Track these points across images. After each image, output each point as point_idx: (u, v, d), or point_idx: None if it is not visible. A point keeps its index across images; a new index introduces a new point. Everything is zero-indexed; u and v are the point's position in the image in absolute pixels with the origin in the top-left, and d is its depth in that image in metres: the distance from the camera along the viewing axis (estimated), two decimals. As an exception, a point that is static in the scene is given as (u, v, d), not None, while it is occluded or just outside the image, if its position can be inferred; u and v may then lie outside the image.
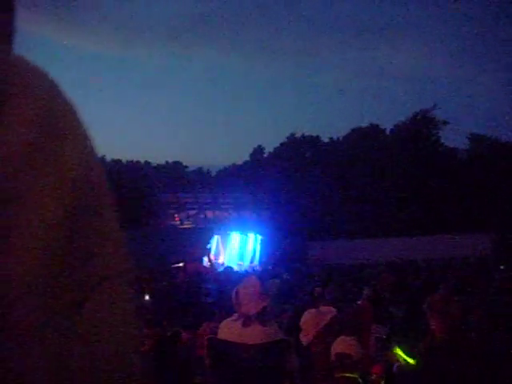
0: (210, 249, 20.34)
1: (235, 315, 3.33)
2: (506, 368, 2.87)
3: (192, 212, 24.57)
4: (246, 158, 48.26)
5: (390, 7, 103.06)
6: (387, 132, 35.56)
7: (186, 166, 54.34)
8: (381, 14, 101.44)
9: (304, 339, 3.51)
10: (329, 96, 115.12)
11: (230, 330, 3.29)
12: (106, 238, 0.58)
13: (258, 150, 47.67)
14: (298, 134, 44.61)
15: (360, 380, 2.69)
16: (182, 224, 23.63)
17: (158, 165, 53.14)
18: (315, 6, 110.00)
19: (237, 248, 22.36)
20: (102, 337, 0.51)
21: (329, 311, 3.60)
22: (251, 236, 22.57)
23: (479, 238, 20.85)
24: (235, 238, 22.58)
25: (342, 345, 2.78)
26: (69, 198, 0.50)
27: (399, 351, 2.69)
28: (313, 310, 3.66)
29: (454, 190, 27.30)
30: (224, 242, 22.27)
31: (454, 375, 2.72)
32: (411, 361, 2.69)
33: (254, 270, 20.16)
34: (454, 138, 46.71)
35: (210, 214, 24.52)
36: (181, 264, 14.51)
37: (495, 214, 24.62)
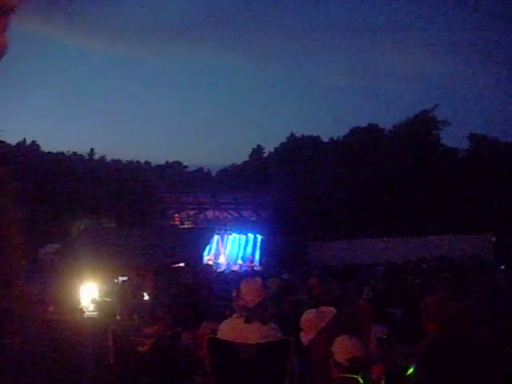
0: (210, 249, 20.33)
1: (236, 315, 3.35)
2: (505, 368, 2.87)
3: (192, 212, 24.55)
4: (246, 158, 48.33)
5: (391, 7, 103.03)
6: (387, 132, 35.57)
7: (186, 166, 54.38)
8: (381, 13, 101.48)
9: (304, 339, 3.52)
10: (329, 96, 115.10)
11: (231, 328, 3.30)
12: None
13: (258, 150, 47.69)
14: (298, 134, 44.68)
15: (361, 380, 2.68)
16: (182, 224, 23.61)
17: (157, 165, 53.18)
18: (315, 5, 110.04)
19: (237, 248, 22.37)
20: None
21: (329, 311, 3.61)
22: (251, 236, 22.56)
23: (479, 238, 20.85)
24: (235, 238, 22.58)
25: (352, 347, 2.75)
26: None
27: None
28: (313, 310, 3.66)
29: (454, 190, 27.27)
30: (224, 242, 22.27)
31: (453, 375, 2.72)
32: None
33: (253, 270, 20.15)
34: (454, 138, 46.67)
35: (210, 214, 24.50)
36: (181, 264, 14.49)
37: (495, 215, 24.60)
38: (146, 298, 9.47)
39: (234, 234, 22.57)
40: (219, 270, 19.51)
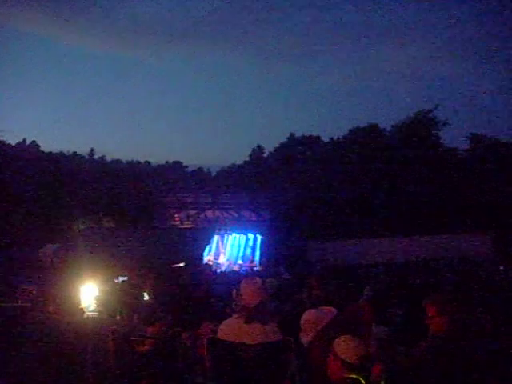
0: (210, 249, 20.31)
1: (236, 315, 3.35)
2: (505, 367, 2.87)
3: (192, 212, 24.55)
4: (246, 158, 48.32)
5: (391, 8, 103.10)
6: (387, 132, 35.55)
7: (186, 166, 54.38)
8: (381, 14, 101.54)
9: (304, 339, 3.51)
10: (329, 96, 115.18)
11: (231, 328, 3.30)
12: None
13: (258, 150, 47.65)
14: (298, 134, 44.68)
15: (362, 381, 2.68)
16: (182, 224, 23.60)
17: (158, 165, 53.19)
18: (315, 6, 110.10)
19: (237, 248, 22.36)
20: None
21: (329, 311, 3.60)
22: (251, 236, 22.55)
23: (479, 238, 20.84)
24: (235, 238, 22.57)
25: (360, 345, 2.75)
26: None
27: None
28: (313, 310, 3.66)
29: (454, 190, 27.26)
30: (224, 242, 22.26)
31: (454, 373, 2.72)
32: None
33: (253, 270, 20.15)
34: (453, 138, 46.68)
35: (210, 213, 24.49)
36: (181, 264, 14.49)
37: (495, 214, 24.58)
38: (146, 298, 9.47)
39: (234, 234, 22.55)
40: (220, 270, 19.51)
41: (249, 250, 22.32)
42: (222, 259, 21.53)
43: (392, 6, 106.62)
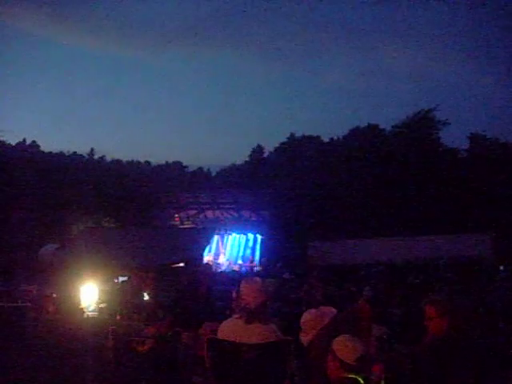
0: (210, 249, 20.31)
1: (236, 315, 3.35)
2: (504, 367, 2.87)
3: (192, 212, 24.55)
4: (246, 158, 48.31)
5: (391, 8, 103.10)
6: (387, 132, 35.53)
7: (186, 166, 54.36)
8: (382, 14, 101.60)
9: (304, 339, 3.51)
10: (329, 96, 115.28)
11: (231, 328, 3.29)
12: None
13: (258, 150, 47.65)
14: (298, 134, 44.68)
15: (361, 380, 2.68)
16: (182, 224, 23.60)
17: (158, 165, 53.18)
18: (316, 6, 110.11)
19: (237, 248, 22.36)
20: None
21: (329, 311, 3.60)
22: (251, 236, 22.55)
23: (479, 238, 20.80)
24: (235, 238, 22.57)
25: (358, 346, 2.76)
26: None
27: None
28: (312, 310, 3.65)
29: (454, 190, 27.22)
30: (224, 242, 22.26)
31: (454, 374, 2.72)
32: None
33: (253, 270, 20.15)
34: (454, 138, 46.68)
35: (209, 214, 24.49)
36: (181, 264, 14.48)
37: (495, 214, 24.55)
38: (146, 298, 9.47)
39: (234, 234, 22.55)
40: (220, 270, 19.51)
41: (249, 250, 22.32)
42: (222, 259, 21.53)
43: (392, 6, 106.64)
